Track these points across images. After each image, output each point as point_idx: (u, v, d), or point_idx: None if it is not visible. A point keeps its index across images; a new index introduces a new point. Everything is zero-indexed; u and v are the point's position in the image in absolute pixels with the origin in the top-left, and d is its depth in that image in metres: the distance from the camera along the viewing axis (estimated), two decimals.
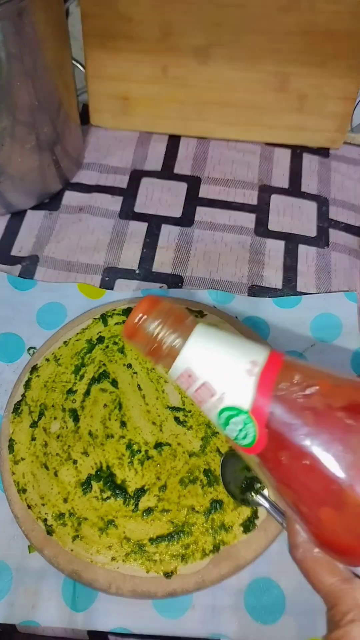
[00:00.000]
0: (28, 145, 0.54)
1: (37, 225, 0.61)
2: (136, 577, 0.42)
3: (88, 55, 0.62)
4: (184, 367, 0.24)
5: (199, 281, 0.57)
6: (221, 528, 0.43)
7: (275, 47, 0.59)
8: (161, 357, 0.26)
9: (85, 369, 0.50)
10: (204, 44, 0.59)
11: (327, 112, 0.64)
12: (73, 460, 0.46)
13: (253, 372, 0.23)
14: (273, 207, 0.63)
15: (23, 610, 0.42)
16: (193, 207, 0.63)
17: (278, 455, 0.23)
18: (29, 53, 0.47)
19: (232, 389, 0.23)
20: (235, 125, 0.66)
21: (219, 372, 0.24)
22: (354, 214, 0.64)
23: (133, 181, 0.65)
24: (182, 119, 0.66)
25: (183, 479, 0.45)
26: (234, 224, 0.62)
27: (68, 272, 0.58)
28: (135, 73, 0.63)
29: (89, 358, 0.51)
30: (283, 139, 0.67)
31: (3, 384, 0.51)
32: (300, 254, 0.60)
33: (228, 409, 0.23)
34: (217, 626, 0.41)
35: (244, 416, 0.23)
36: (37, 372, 0.50)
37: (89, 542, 0.43)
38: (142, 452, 0.46)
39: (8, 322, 0.54)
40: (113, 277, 0.58)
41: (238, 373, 0.23)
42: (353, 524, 0.22)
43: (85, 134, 0.68)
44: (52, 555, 0.43)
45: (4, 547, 0.44)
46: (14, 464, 0.46)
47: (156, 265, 0.58)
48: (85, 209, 0.62)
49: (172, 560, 0.42)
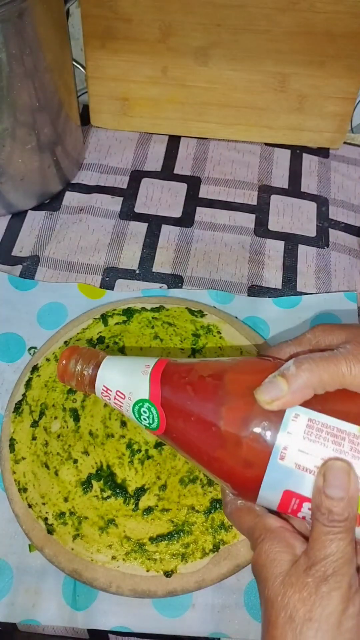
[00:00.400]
0: (28, 146, 0.54)
1: (38, 225, 0.61)
2: (136, 576, 0.42)
3: (88, 56, 0.62)
4: (101, 386, 0.33)
5: (199, 281, 0.58)
6: (221, 527, 0.43)
7: (275, 47, 0.59)
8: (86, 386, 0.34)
9: None
10: (204, 44, 0.59)
11: (327, 112, 0.64)
12: (73, 459, 0.46)
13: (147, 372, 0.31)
14: (273, 207, 0.63)
15: (23, 609, 0.42)
16: (193, 207, 0.63)
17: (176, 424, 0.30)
18: (30, 54, 0.48)
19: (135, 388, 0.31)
20: (235, 125, 0.66)
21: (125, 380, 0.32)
22: (354, 214, 0.64)
23: (133, 181, 0.65)
24: (182, 119, 0.66)
25: (183, 479, 0.45)
26: (234, 224, 0.62)
27: (68, 272, 0.58)
28: (135, 74, 0.63)
29: None
30: (283, 139, 0.67)
31: (4, 383, 0.51)
32: (300, 254, 0.60)
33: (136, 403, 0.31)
34: (217, 625, 0.42)
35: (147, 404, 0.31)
36: (37, 372, 0.50)
37: (90, 541, 0.43)
38: (142, 452, 0.46)
39: (9, 322, 0.54)
40: (113, 277, 0.58)
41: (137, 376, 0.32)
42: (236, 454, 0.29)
43: (86, 135, 0.68)
44: (53, 554, 0.43)
45: (5, 546, 0.44)
46: (14, 463, 0.46)
47: (156, 266, 0.59)
48: (85, 210, 0.62)
49: (172, 560, 0.42)
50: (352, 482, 0.27)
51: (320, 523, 0.27)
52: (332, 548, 0.26)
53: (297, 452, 0.27)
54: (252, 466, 0.28)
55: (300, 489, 0.28)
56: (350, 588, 0.26)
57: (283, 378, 0.28)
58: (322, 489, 0.27)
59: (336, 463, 0.27)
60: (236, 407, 0.29)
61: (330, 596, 0.26)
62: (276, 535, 0.29)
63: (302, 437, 0.28)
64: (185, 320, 0.53)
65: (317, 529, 0.27)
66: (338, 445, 0.27)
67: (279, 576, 0.27)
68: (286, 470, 0.28)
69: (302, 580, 0.27)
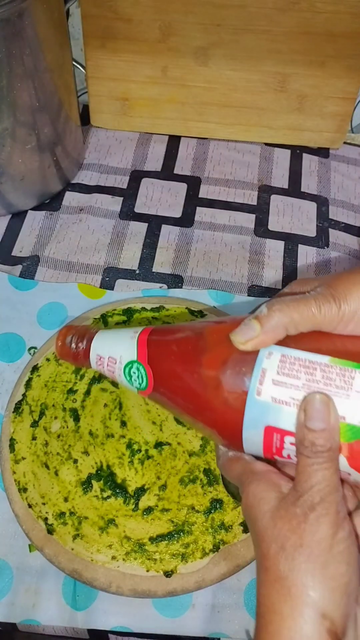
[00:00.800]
0: (29, 146, 0.54)
1: (38, 225, 0.61)
2: (136, 576, 0.42)
3: (88, 56, 0.62)
4: (95, 355, 0.35)
5: (199, 281, 0.58)
6: (221, 527, 0.43)
7: (275, 47, 0.59)
8: (82, 359, 0.36)
9: (86, 369, 0.50)
10: (204, 44, 0.59)
11: (326, 112, 0.64)
12: (73, 459, 0.46)
13: (134, 337, 0.34)
14: (273, 207, 0.63)
15: (23, 609, 0.42)
16: (193, 207, 0.63)
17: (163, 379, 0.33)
18: (30, 54, 0.48)
19: (124, 352, 0.34)
20: (235, 125, 0.66)
21: (115, 347, 0.34)
22: (353, 214, 0.64)
23: (133, 181, 0.65)
24: (182, 119, 0.66)
25: (183, 479, 0.45)
26: (234, 224, 0.62)
27: (68, 272, 0.58)
28: (135, 74, 0.63)
29: None
30: (283, 139, 0.67)
31: (4, 383, 0.51)
32: (300, 254, 0.60)
33: (127, 365, 0.34)
34: (217, 625, 0.42)
35: (135, 364, 0.33)
36: (37, 372, 0.50)
37: (90, 541, 0.43)
38: (142, 452, 0.46)
39: (9, 322, 0.54)
40: (113, 277, 0.58)
41: (126, 341, 0.34)
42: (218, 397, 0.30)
43: (86, 135, 0.68)
44: (53, 554, 0.43)
45: (5, 546, 0.44)
46: (14, 463, 0.46)
47: (156, 266, 0.59)
48: (85, 210, 0.62)
49: (172, 560, 0.42)
50: (332, 413, 0.27)
51: (305, 456, 0.28)
52: (318, 477, 0.27)
53: (272, 386, 0.29)
54: (233, 406, 0.30)
55: (279, 422, 0.29)
56: (338, 514, 0.27)
57: (256, 320, 0.29)
58: (304, 422, 0.27)
59: (315, 396, 0.28)
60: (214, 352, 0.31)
61: (319, 522, 0.27)
62: (262, 476, 0.30)
63: (276, 371, 0.29)
64: (186, 320, 0.53)
65: (301, 462, 0.28)
66: (310, 375, 0.28)
67: (268, 512, 0.28)
68: (264, 405, 0.29)
69: (290, 511, 0.27)
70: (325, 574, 0.26)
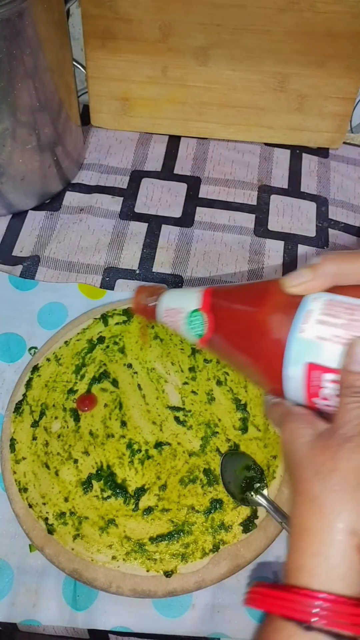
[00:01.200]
0: (29, 146, 0.54)
1: (38, 225, 0.61)
2: (136, 576, 0.42)
3: (88, 56, 0.62)
4: (164, 309, 0.39)
5: (199, 281, 0.58)
6: (221, 527, 0.43)
7: (275, 47, 0.59)
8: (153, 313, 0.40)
9: (86, 369, 0.50)
10: (204, 44, 0.59)
11: (326, 112, 0.64)
12: (74, 459, 0.46)
13: (200, 292, 0.37)
14: (272, 208, 0.63)
15: (24, 609, 0.42)
16: (193, 207, 0.63)
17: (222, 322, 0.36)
18: (30, 54, 0.48)
19: (189, 303, 0.37)
20: (235, 125, 0.66)
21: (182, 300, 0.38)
22: (353, 214, 0.64)
23: (133, 181, 0.65)
24: (182, 119, 0.66)
25: (183, 479, 0.45)
26: (234, 224, 0.62)
27: (69, 272, 0.58)
28: (135, 74, 0.63)
29: (90, 358, 0.51)
30: (282, 139, 0.67)
31: (4, 383, 0.51)
32: (300, 254, 0.60)
33: (190, 314, 0.37)
34: (217, 625, 0.42)
35: (198, 314, 0.37)
36: (38, 372, 0.50)
37: (90, 541, 0.43)
38: (142, 452, 0.46)
39: (9, 322, 0.54)
40: (113, 277, 0.58)
41: (192, 295, 0.38)
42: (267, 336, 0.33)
43: (86, 135, 0.68)
44: (53, 554, 0.43)
45: (5, 546, 0.44)
46: (15, 464, 0.46)
47: (156, 266, 0.59)
48: (85, 210, 0.62)
49: (172, 560, 0.42)
50: None
51: (345, 396, 0.30)
52: (355, 413, 0.29)
53: (315, 325, 0.31)
54: (278, 344, 0.32)
55: (320, 358, 0.30)
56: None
57: (309, 268, 0.32)
58: (346, 365, 0.29)
59: (359, 340, 0.29)
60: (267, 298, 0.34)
61: (353, 451, 0.28)
62: (300, 416, 0.32)
63: (320, 312, 0.31)
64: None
65: (342, 402, 0.30)
66: (352, 315, 0.30)
67: (305, 444, 0.31)
68: (306, 343, 0.31)
69: (327, 443, 0.30)
70: (356, 497, 0.28)
